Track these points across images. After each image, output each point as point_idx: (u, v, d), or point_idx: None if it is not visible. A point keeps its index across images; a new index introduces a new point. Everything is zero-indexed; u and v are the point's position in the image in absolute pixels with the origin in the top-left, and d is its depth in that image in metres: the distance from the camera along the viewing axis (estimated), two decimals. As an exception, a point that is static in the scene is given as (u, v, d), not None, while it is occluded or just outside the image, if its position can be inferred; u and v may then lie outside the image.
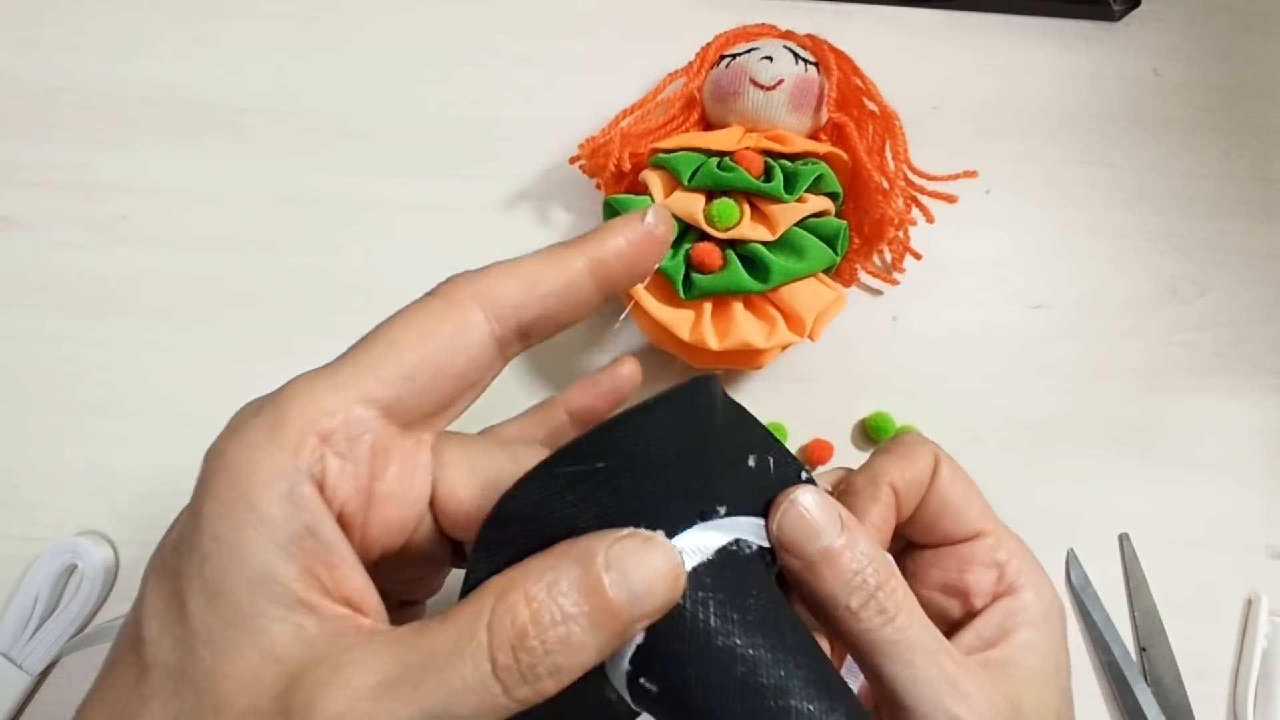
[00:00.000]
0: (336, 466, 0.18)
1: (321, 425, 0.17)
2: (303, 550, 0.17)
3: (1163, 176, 0.43)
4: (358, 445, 0.18)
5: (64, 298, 0.39)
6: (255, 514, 0.17)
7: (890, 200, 0.37)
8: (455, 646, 0.16)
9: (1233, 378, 0.40)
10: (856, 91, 0.39)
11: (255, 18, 0.43)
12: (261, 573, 0.16)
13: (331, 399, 0.18)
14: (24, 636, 0.34)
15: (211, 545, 0.17)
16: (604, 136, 0.38)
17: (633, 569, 0.17)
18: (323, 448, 0.17)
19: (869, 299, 0.41)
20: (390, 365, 0.18)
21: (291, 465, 0.17)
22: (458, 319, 0.19)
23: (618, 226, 0.21)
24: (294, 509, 0.17)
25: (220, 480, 0.17)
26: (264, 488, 0.17)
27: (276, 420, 0.17)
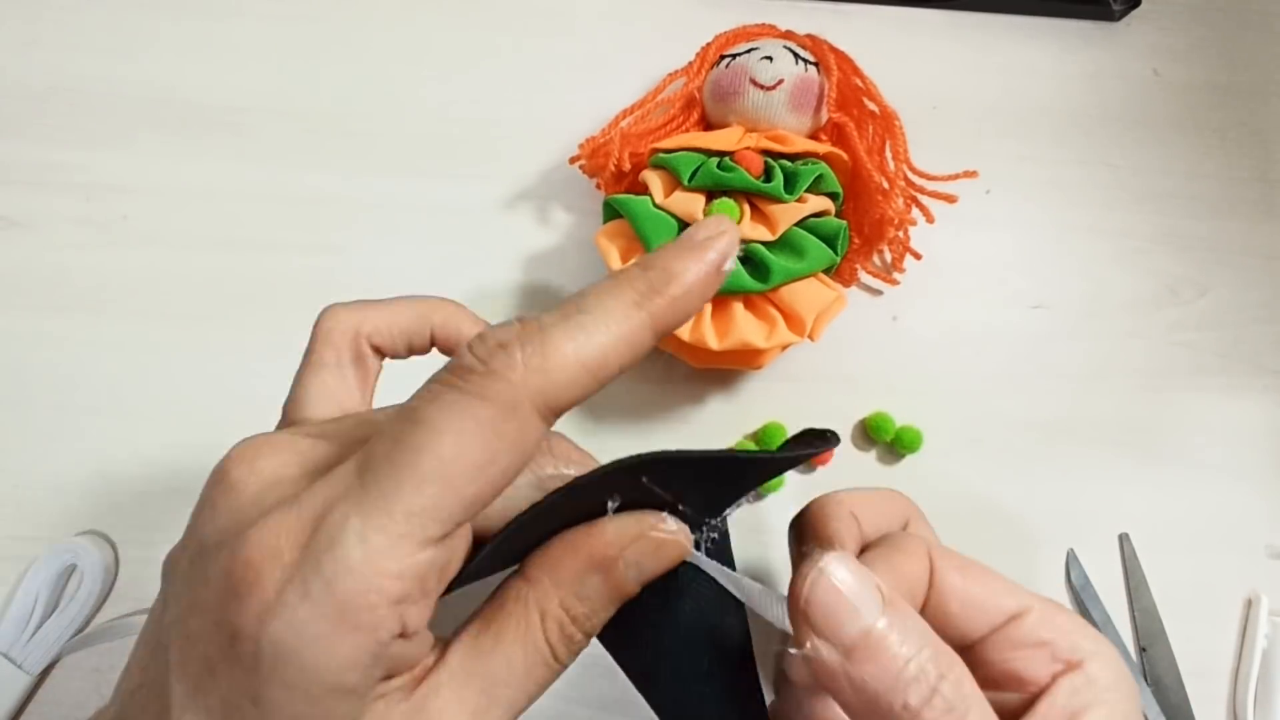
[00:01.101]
0: (415, 613, 0.16)
1: (391, 592, 0.15)
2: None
3: (1163, 176, 0.43)
4: (427, 582, 0.16)
5: (64, 298, 0.39)
6: (336, 695, 0.15)
7: (890, 200, 0.37)
8: (523, 656, 0.18)
9: (1233, 378, 0.40)
10: (856, 91, 0.39)
11: (255, 18, 0.43)
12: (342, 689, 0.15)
13: (393, 560, 0.15)
14: (24, 636, 0.34)
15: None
16: (604, 136, 0.38)
17: (648, 566, 0.19)
18: (398, 609, 0.15)
19: (869, 299, 0.41)
20: (455, 509, 0.15)
21: (373, 641, 0.15)
22: (517, 436, 0.16)
23: (688, 277, 0.17)
24: (377, 671, 0.16)
25: (287, 668, 0.15)
26: (344, 672, 0.15)
27: (337, 606, 0.15)
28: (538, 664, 0.18)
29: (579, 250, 0.41)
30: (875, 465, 0.39)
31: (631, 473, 0.18)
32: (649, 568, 0.19)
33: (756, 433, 0.39)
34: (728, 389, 0.39)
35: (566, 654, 0.19)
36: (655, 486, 0.19)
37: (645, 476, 0.18)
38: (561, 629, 0.19)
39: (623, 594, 0.19)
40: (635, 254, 0.36)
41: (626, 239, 0.36)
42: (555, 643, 0.19)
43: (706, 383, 0.39)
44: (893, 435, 0.38)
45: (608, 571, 0.19)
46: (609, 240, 0.36)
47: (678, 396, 0.39)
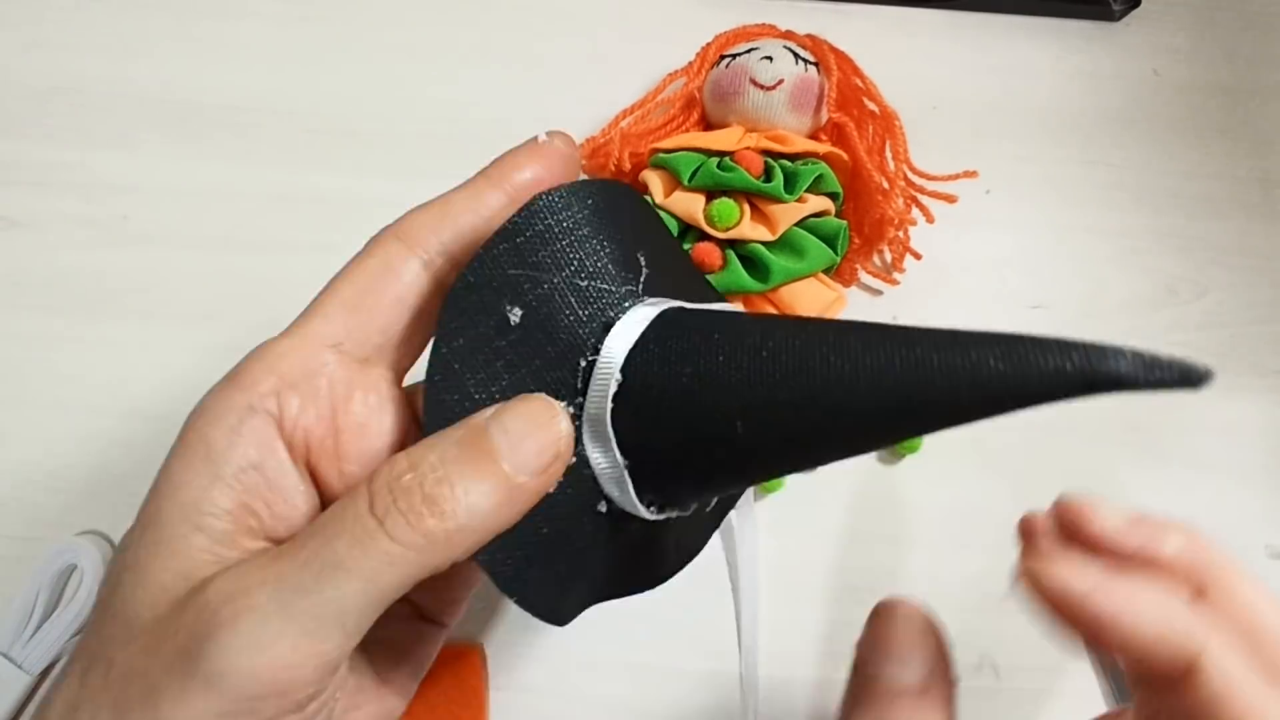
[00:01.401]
0: (295, 401, 0.18)
1: (277, 367, 0.18)
2: (243, 483, 0.18)
3: (1163, 176, 0.43)
4: (316, 379, 0.19)
5: (64, 298, 0.39)
6: (202, 447, 0.18)
7: (890, 200, 0.37)
8: (336, 507, 0.17)
9: (1233, 378, 0.40)
10: (856, 91, 0.39)
11: (256, 18, 0.43)
12: (193, 501, 0.17)
13: (284, 344, 0.19)
14: (24, 636, 0.34)
15: (159, 482, 0.18)
16: (604, 136, 0.38)
17: (510, 416, 0.18)
18: (279, 385, 0.18)
19: (869, 299, 0.41)
20: (330, 305, 0.20)
21: (243, 400, 0.18)
22: (379, 252, 0.20)
23: (522, 154, 0.22)
24: (238, 439, 0.18)
25: (182, 432, 0.18)
26: (214, 423, 0.18)
27: (235, 371, 0.19)
28: (349, 512, 0.16)
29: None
30: (875, 465, 0.39)
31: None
32: (510, 417, 0.18)
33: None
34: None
35: (389, 505, 0.16)
36: None
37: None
38: (390, 474, 0.17)
39: (479, 439, 0.17)
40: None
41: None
42: (377, 489, 0.16)
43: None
44: (893, 435, 0.38)
45: (467, 423, 0.18)
46: None
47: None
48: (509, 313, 0.19)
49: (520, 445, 0.17)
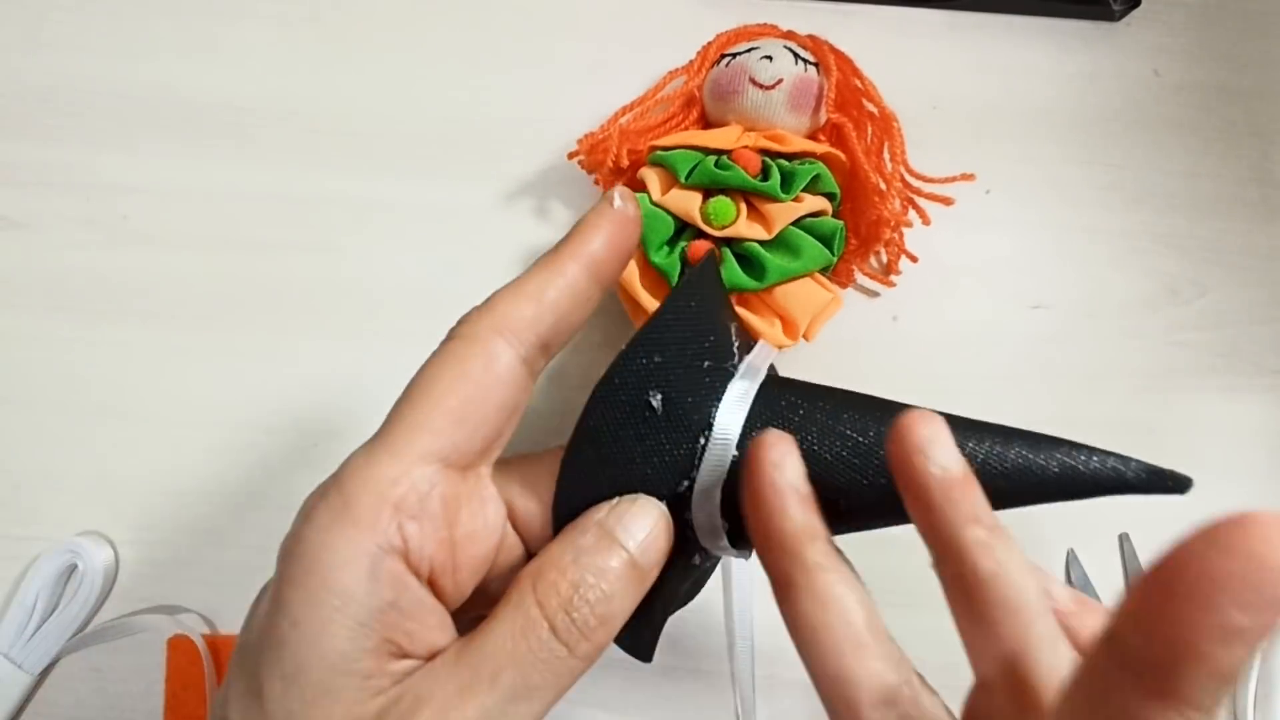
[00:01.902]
0: (415, 530, 0.18)
1: (390, 495, 0.18)
2: (384, 623, 0.17)
3: (1163, 176, 0.43)
4: (429, 503, 0.18)
5: (64, 298, 0.39)
6: (335, 596, 0.17)
7: (886, 201, 0.37)
8: (515, 631, 0.18)
9: (1233, 378, 0.40)
10: (856, 93, 0.39)
11: (256, 18, 0.43)
12: (340, 655, 0.17)
13: (393, 467, 0.18)
14: (24, 636, 0.34)
15: (290, 631, 0.17)
16: (603, 133, 0.38)
17: (630, 519, 0.20)
18: (398, 517, 0.18)
19: (869, 299, 0.41)
20: (437, 418, 0.19)
21: (370, 543, 0.17)
22: (483, 354, 0.20)
23: (594, 221, 0.22)
24: (376, 585, 0.17)
25: (298, 566, 0.18)
26: (343, 569, 0.17)
27: (344, 501, 0.18)
28: (535, 640, 0.18)
29: (579, 250, 0.41)
30: (875, 465, 0.39)
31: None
32: (630, 520, 0.20)
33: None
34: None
35: (569, 627, 0.18)
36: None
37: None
38: (559, 597, 0.18)
39: (615, 542, 0.19)
40: (633, 251, 0.36)
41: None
42: (553, 614, 0.18)
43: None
44: (892, 435, 0.38)
45: (592, 530, 0.19)
46: None
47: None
48: (650, 399, 0.21)
49: (645, 545, 0.19)
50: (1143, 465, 0.23)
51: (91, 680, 0.35)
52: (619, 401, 0.21)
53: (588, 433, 0.21)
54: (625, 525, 0.20)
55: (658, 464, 0.21)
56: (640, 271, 0.35)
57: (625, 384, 0.21)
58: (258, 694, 0.17)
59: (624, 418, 0.21)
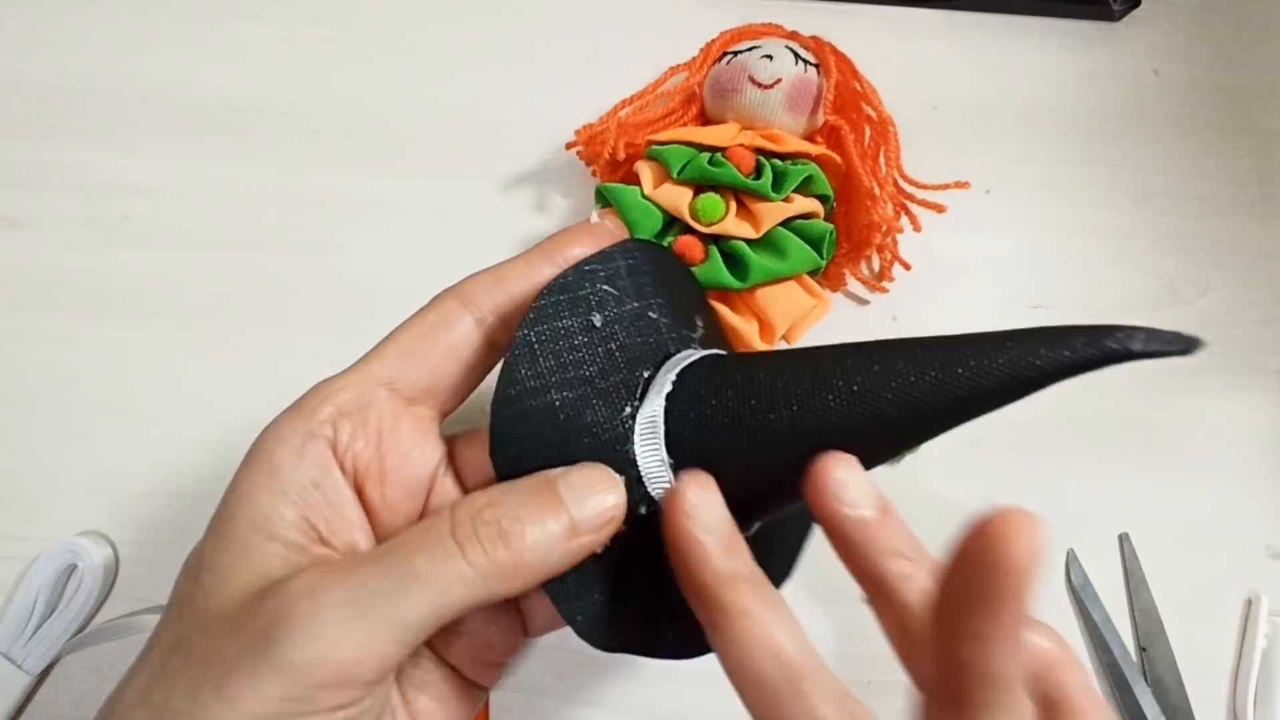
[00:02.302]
0: (348, 429, 0.21)
1: (334, 399, 0.21)
2: (305, 500, 0.20)
3: (1163, 176, 0.43)
4: (368, 411, 0.21)
5: (64, 298, 0.39)
6: (268, 465, 0.20)
7: (879, 206, 0.37)
8: (419, 526, 0.19)
9: (1233, 378, 0.40)
10: (855, 95, 0.39)
11: (255, 18, 0.43)
12: (262, 514, 0.19)
13: (342, 380, 0.21)
14: (24, 636, 0.34)
15: (230, 495, 0.20)
16: (601, 124, 0.38)
17: (576, 477, 0.20)
18: (335, 415, 0.21)
19: (869, 299, 0.41)
20: (388, 349, 0.22)
21: (304, 427, 0.20)
22: (437, 308, 0.23)
23: (575, 233, 0.24)
24: (301, 461, 0.20)
25: (250, 452, 0.20)
26: (278, 444, 0.20)
27: (298, 401, 0.21)
28: (431, 533, 0.19)
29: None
30: (875, 465, 0.39)
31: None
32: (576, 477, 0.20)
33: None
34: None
35: (470, 534, 0.18)
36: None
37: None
38: (471, 508, 0.19)
39: (549, 489, 0.20)
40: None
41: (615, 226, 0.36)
42: (459, 519, 0.19)
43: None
44: (892, 435, 0.38)
45: (539, 482, 0.20)
46: None
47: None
48: (592, 316, 0.22)
49: (583, 503, 0.19)
50: (1127, 334, 0.19)
51: (91, 680, 0.35)
52: (553, 308, 0.22)
53: (524, 341, 0.21)
54: (569, 479, 0.20)
55: (591, 387, 0.22)
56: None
57: (570, 288, 0.22)
58: (197, 556, 0.20)
59: (561, 329, 0.22)
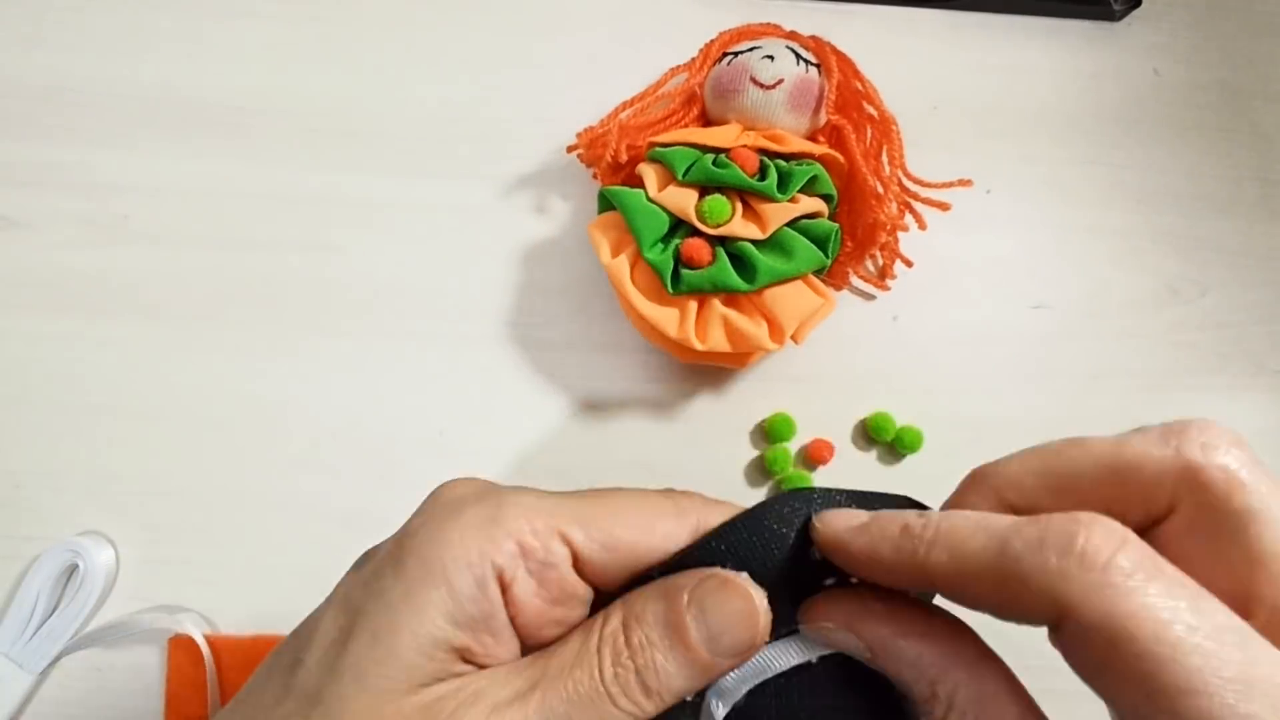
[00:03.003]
0: (524, 581, 0.19)
1: (526, 540, 0.19)
2: (474, 632, 0.19)
3: (1163, 176, 0.43)
4: (548, 574, 0.20)
5: (64, 298, 0.39)
6: (447, 585, 0.18)
7: (883, 205, 0.37)
8: (574, 659, 0.19)
9: (1233, 378, 0.40)
10: (856, 95, 0.39)
11: (255, 18, 0.43)
12: (432, 638, 0.18)
13: (537, 521, 0.19)
14: (24, 636, 0.34)
15: (399, 597, 0.19)
16: (602, 127, 0.38)
17: (711, 607, 0.19)
18: (518, 555, 0.19)
19: (869, 299, 0.41)
20: (594, 522, 0.20)
21: (491, 553, 0.19)
22: (675, 525, 0.20)
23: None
24: (481, 595, 0.19)
25: (431, 544, 0.19)
26: (464, 568, 0.19)
27: (495, 517, 0.19)
28: (585, 675, 0.18)
29: (577, 242, 0.41)
30: (875, 465, 0.39)
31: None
32: (711, 608, 0.19)
33: (764, 424, 0.39)
34: (727, 388, 0.39)
35: (614, 682, 0.18)
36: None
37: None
38: (614, 646, 0.19)
39: (680, 631, 0.19)
40: (626, 246, 0.36)
41: (618, 231, 0.36)
42: (605, 659, 0.19)
43: (705, 382, 0.39)
44: (893, 435, 0.38)
45: (670, 600, 0.19)
46: (600, 232, 0.36)
47: (674, 395, 0.39)
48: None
49: (720, 638, 0.19)
50: None
51: (92, 680, 0.35)
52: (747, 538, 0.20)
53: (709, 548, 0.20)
54: (702, 604, 0.19)
55: None
56: (632, 268, 0.35)
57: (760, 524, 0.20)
58: (344, 643, 0.18)
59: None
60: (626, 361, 0.39)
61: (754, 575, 0.19)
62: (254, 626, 0.36)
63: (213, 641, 0.35)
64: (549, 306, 0.40)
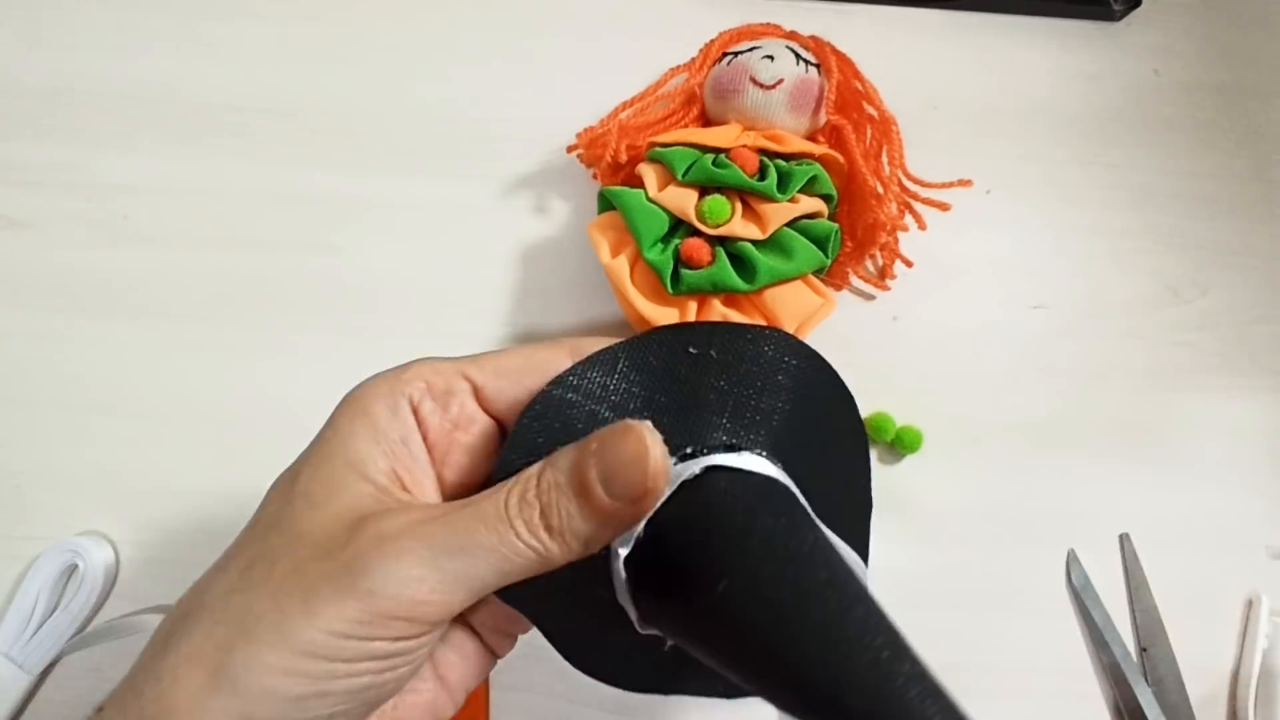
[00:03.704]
0: (430, 406, 0.23)
1: (427, 376, 0.23)
2: (394, 452, 0.22)
3: (1163, 176, 0.43)
4: (450, 400, 0.23)
5: (64, 298, 0.39)
6: (366, 416, 0.22)
7: (883, 205, 0.37)
8: (490, 494, 0.21)
9: (1233, 378, 0.40)
10: (856, 95, 0.39)
11: (255, 18, 0.43)
12: (359, 456, 0.22)
13: (438, 364, 0.23)
14: (24, 636, 0.34)
15: (327, 434, 0.22)
16: (602, 127, 0.38)
17: (608, 450, 0.20)
18: (424, 390, 0.23)
19: (869, 299, 0.41)
20: (489, 360, 0.23)
21: (399, 389, 0.22)
22: (551, 350, 0.24)
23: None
24: (394, 418, 0.22)
25: (348, 399, 0.23)
26: (375, 400, 0.22)
27: (395, 369, 0.23)
28: (492, 505, 0.20)
29: (577, 242, 0.41)
30: (875, 465, 0.39)
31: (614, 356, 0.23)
32: (608, 451, 0.20)
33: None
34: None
35: (519, 516, 0.20)
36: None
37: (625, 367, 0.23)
38: (524, 484, 0.21)
39: (581, 472, 0.20)
40: (625, 246, 0.36)
41: (617, 231, 0.36)
42: (514, 496, 0.20)
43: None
44: (893, 435, 0.38)
45: (580, 447, 0.20)
46: (600, 232, 0.36)
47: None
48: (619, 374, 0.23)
49: (612, 480, 0.20)
50: None
51: (92, 680, 0.35)
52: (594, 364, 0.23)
53: (548, 396, 0.22)
54: (601, 455, 0.20)
55: None
56: (632, 268, 0.35)
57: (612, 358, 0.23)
58: (292, 481, 0.22)
59: (586, 395, 0.23)
60: (626, 361, 0.39)
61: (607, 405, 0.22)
62: (254, 626, 0.36)
63: (213, 641, 0.35)
64: (549, 306, 0.40)
